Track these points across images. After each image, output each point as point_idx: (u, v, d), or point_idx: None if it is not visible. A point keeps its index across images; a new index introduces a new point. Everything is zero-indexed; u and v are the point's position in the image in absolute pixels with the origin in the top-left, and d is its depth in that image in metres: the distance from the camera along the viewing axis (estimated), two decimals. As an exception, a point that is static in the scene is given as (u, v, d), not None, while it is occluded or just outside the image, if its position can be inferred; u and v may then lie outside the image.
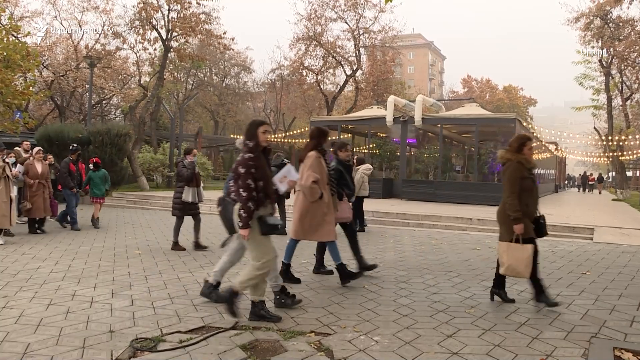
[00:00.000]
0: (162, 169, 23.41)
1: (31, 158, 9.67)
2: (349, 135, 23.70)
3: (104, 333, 3.78)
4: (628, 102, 31.87)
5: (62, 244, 8.20)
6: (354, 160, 10.56)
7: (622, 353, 3.57)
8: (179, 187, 7.80)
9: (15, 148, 11.60)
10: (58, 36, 28.63)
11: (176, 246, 7.74)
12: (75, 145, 11.03)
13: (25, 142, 11.48)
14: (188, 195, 7.68)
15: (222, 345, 3.59)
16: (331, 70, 34.10)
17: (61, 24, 28.58)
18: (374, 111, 20.61)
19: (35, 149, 9.79)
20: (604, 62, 30.63)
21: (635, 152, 33.66)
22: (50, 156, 11.47)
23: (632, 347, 3.69)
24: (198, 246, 7.77)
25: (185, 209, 7.80)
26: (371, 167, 10.88)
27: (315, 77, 33.57)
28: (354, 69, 32.73)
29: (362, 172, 10.14)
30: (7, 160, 8.19)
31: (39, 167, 9.57)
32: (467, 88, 63.82)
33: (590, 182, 39.43)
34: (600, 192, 35.73)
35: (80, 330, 3.84)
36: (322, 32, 32.20)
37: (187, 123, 40.04)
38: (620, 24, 29.17)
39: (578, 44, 30.72)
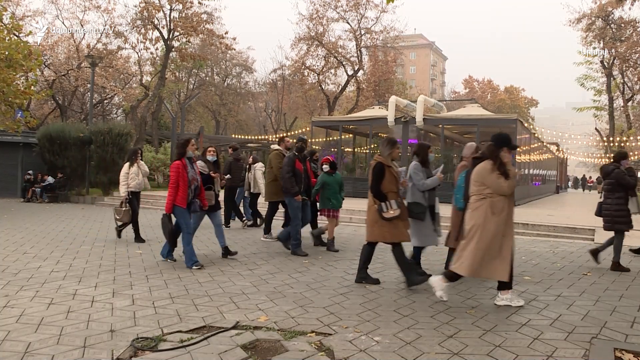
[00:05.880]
0: (164, 168, 23.46)
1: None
2: (350, 135, 23.70)
3: (104, 332, 3.78)
4: (629, 104, 31.86)
5: (63, 243, 8.22)
6: (249, 160, 10.92)
7: (623, 354, 3.56)
8: (617, 198, 6.89)
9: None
10: (60, 35, 28.73)
11: (618, 267, 6.83)
12: (304, 137, 8.13)
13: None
14: (633, 206, 6.88)
15: (223, 345, 3.58)
16: (333, 71, 34.14)
17: (63, 23, 28.73)
18: (375, 111, 20.59)
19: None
20: (605, 63, 30.63)
21: (636, 153, 33.62)
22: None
23: (633, 348, 3.69)
24: (595, 253, 7.13)
25: (631, 222, 6.91)
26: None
27: (316, 77, 33.58)
28: (356, 69, 32.75)
29: (259, 170, 10.54)
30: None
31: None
32: (468, 89, 63.77)
33: (589, 184, 43.10)
34: (599, 192, 36.38)
35: (81, 330, 3.84)
36: (324, 32, 32.24)
37: (189, 123, 40.03)
38: (622, 25, 29.19)
39: (580, 45, 30.78)
